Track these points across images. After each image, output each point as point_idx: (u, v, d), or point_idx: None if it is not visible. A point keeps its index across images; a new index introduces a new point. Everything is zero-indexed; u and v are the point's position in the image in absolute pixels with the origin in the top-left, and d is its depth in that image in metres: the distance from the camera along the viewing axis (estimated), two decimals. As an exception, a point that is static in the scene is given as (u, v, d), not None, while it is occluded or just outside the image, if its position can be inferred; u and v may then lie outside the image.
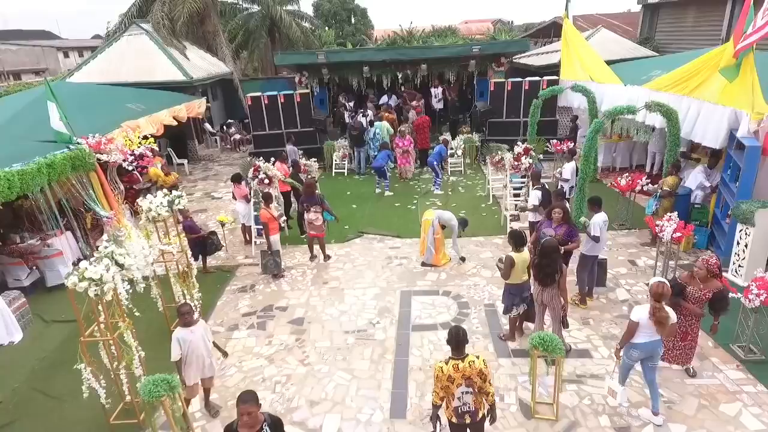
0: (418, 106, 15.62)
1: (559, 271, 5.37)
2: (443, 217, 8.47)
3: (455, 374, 3.91)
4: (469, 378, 3.92)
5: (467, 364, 3.93)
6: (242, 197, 9.64)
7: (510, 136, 14.63)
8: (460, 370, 3.91)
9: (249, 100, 14.83)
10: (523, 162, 8.96)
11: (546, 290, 5.51)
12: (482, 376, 3.95)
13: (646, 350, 4.77)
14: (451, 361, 3.97)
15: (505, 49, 15.19)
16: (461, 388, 3.94)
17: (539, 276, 5.47)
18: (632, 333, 4.73)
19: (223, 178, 15.35)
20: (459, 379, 3.91)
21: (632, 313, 4.76)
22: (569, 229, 6.37)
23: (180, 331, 4.88)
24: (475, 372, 3.92)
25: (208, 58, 20.08)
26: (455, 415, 4.04)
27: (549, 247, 5.35)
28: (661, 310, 4.56)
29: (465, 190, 12.73)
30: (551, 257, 5.34)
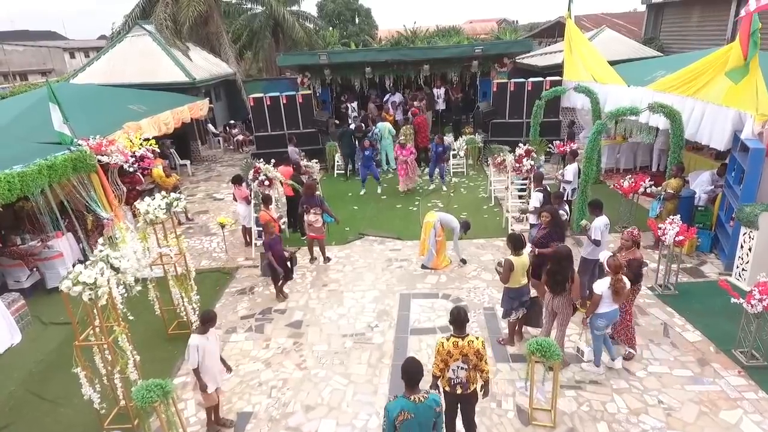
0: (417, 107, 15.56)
1: (571, 278, 5.30)
2: (444, 219, 8.42)
3: (454, 350, 4.22)
4: (465, 355, 4.22)
5: (466, 342, 4.24)
6: (243, 199, 9.63)
7: (513, 137, 14.52)
8: (458, 347, 4.22)
9: (251, 101, 14.83)
10: (524, 164, 8.89)
11: (556, 298, 5.45)
12: (479, 355, 4.26)
13: (609, 318, 5.44)
14: (452, 338, 4.29)
15: (508, 50, 15.11)
16: (457, 362, 4.24)
17: (550, 283, 5.41)
18: (596, 304, 5.34)
19: (225, 179, 15.34)
20: (456, 355, 4.22)
21: (595, 287, 5.37)
22: (549, 234, 6.32)
23: (197, 338, 4.80)
24: (472, 351, 4.23)
25: (211, 59, 20.12)
26: (448, 386, 4.35)
27: (560, 254, 5.30)
28: (620, 281, 5.26)
29: (467, 191, 12.66)
30: (562, 264, 5.29)
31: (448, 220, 8.44)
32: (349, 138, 13.63)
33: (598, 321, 5.41)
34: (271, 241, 7.54)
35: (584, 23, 30.16)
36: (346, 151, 13.93)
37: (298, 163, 10.02)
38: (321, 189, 12.36)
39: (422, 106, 15.58)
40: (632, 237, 5.92)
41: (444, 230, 8.48)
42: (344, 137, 13.72)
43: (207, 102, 16.21)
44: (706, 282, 7.51)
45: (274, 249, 7.53)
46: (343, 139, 13.79)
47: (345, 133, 13.70)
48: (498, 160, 11.04)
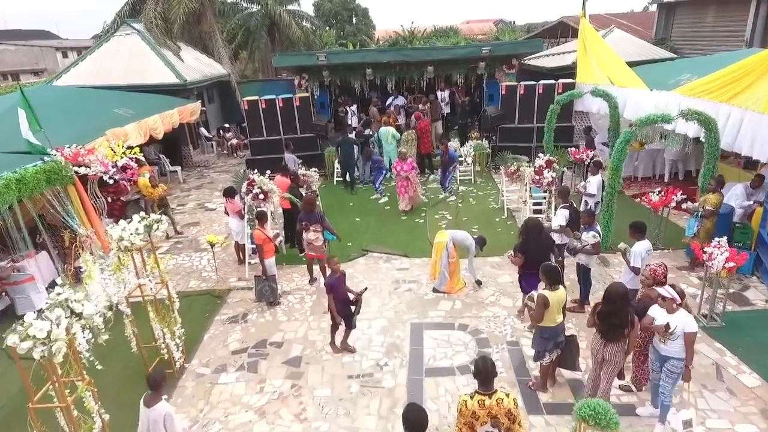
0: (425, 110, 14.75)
1: (630, 323, 4.48)
2: (457, 238, 7.62)
3: (480, 411, 3.59)
4: (495, 417, 3.59)
5: (495, 401, 3.60)
6: (235, 213, 8.79)
7: (522, 143, 13.78)
8: (486, 407, 3.59)
9: (246, 104, 13.98)
10: (545, 176, 8.08)
11: (609, 345, 4.60)
12: (511, 416, 3.61)
13: None
14: (477, 395, 3.65)
15: (517, 50, 14.32)
16: (485, 426, 3.61)
17: (603, 328, 4.59)
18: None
19: (218, 186, 14.46)
20: (484, 417, 3.59)
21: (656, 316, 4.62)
22: None
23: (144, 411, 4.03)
24: (503, 411, 3.60)
25: (203, 59, 19.24)
26: None
27: (615, 293, 4.48)
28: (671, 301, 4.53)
29: (476, 202, 11.86)
30: (617, 304, 4.46)
31: (462, 238, 7.63)
32: (349, 148, 12.66)
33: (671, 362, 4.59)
34: (332, 281, 6.06)
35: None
36: (344, 162, 12.91)
37: (295, 173, 9.18)
38: (320, 198, 11.56)
39: (426, 110, 14.78)
40: (654, 276, 5.04)
41: (457, 249, 7.66)
42: (343, 146, 12.74)
43: (199, 105, 15.34)
44: (754, 311, 6.73)
45: (337, 291, 6.08)
46: (342, 148, 12.79)
47: (345, 141, 12.72)
48: (511, 170, 10.27)
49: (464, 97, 15.43)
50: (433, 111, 14.51)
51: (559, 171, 8.27)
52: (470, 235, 7.75)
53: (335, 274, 6.18)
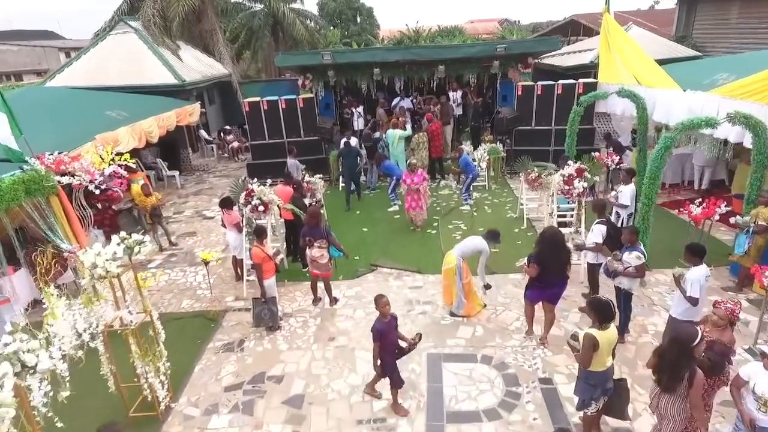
0: (434, 111, 13.98)
1: (689, 380, 3.69)
2: (467, 251, 6.78)
3: None
4: None
5: None
6: (233, 226, 8.04)
7: (539, 146, 13.00)
8: None
9: (247, 106, 13.24)
10: (576, 186, 7.28)
11: (666, 396, 3.84)
12: None
13: None
14: None
15: (533, 48, 13.52)
16: None
17: (661, 377, 3.81)
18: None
19: (218, 192, 13.75)
20: None
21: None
22: None
23: None
24: None
25: (204, 59, 18.54)
26: None
27: (680, 336, 3.70)
28: None
29: (492, 210, 11.07)
30: (680, 348, 3.69)
31: (472, 247, 6.76)
32: (352, 159, 11.60)
33: None
34: (382, 327, 4.90)
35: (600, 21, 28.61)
36: (348, 173, 11.63)
37: (299, 182, 8.42)
38: (325, 206, 10.81)
39: (436, 112, 14.01)
40: (730, 315, 4.23)
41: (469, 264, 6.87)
42: (347, 158, 11.56)
43: (198, 106, 14.63)
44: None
45: (386, 339, 4.95)
46: (346, 158, 11.60)
47: (348, 152, 11.55)
48: (531, 176, 9.47)
49: (476, 98, 14.63)
50: (443, 113, 13.68)
51: (591, 180, 7.47)
52: (478, 236, 6.94)
53: (384, 317, 4.95)
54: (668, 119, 9.88)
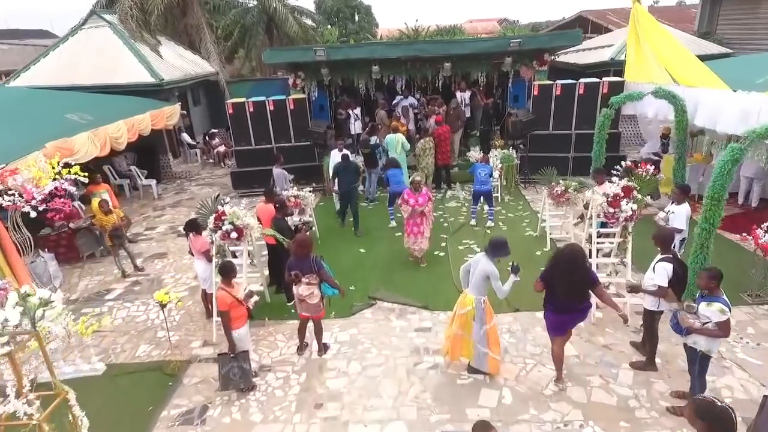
0: (439, 113, 12.57)
1: None
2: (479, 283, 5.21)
3: None
4: None
5: None
6: (202, 254, 6.63)
7: (557, 152, 11.63)
8: None
9: (230, 108, 11.84)
10: (623, 209, 5.85)
11: None
12: None
13: None
14: None
15: (551, 43, 12.10)
16: None
17: None
18: None
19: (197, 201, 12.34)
20: None
21: None
22: None
23: None
24: None
25: (188, 56, 17.12)
26: None
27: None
28: None
29: (507, 227, 9.67)
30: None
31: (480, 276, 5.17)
32: (352, 176, 9.53)
33: None
34: None
35: (610, 17, 27.26)
36: (345, 194, 9.59)
37: (282, 202, 6.96)
38: (316, 222, 9.41)
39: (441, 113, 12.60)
40: None
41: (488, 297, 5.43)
42: (345, 173, 9.44)
43: (178, 107, 13.20)
44: None
45: None
46: (343, 175, 9.45)
47: (347, 168, 9.47)
48: (557, 191, 8.09)
49: (486, 99, 13.22)
50: (452, 118, 12.21)
51: (642, 202, 6.05)
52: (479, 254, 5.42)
53: None
54: (714, 124, 8.49)
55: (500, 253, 5.11)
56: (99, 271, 8.84)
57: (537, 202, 10.93)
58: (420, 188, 7.78)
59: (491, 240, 5.20)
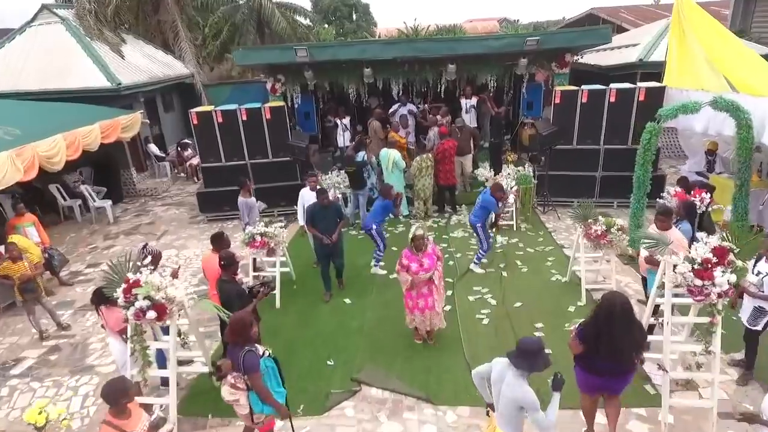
0: (443, 123, 10.74)
1: None
2: (510, 411, 3.35)
3: None
4: None
5: None
6: (117, 332, 4.81)
7: (582, 170, 9.83)
8: None
9: (194, 118, 9.99)
10: (717, 282, 3.96)
11: None
12: None
13: None
14: None
15: (575, 42, 10.21)
16: None
17: None
18: None
19: (159, 228, 10.54)
20: None
21: None
22: None
23: None
24: None
25: (159, 56, 15.28)
26: None
27: None
28: None
29: (528, 267, 7.81)
30: None
31: (511, 403, 3.33)
32: (332, 220, 6.81)
33: None
34: None
35: (623, 15, 25.48)
36: (322, 251, 7.01)
37: (229, 257, 5.06)
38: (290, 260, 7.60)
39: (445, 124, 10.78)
40: None
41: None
42: (324, 220, 6.77)
43: (138, 116, 11.33)
44: None
45: None
46: (321, 222, 6.77)
47: (325, 212, 6.77)
48: (597, 231, 6.29)
49: (497, 108, 11.35)
50: (463, 140, 10.23)
51: (744, 272, 4.17)
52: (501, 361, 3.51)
53: None
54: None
55: (534, 366, 3.26)
56: (15, 329, 7.01)
57: (561, 231, 9.13)
58: (423, 246, 5.38)
59: (519, 344, 3.34)
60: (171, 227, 10.51)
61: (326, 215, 6.78)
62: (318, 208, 6.79)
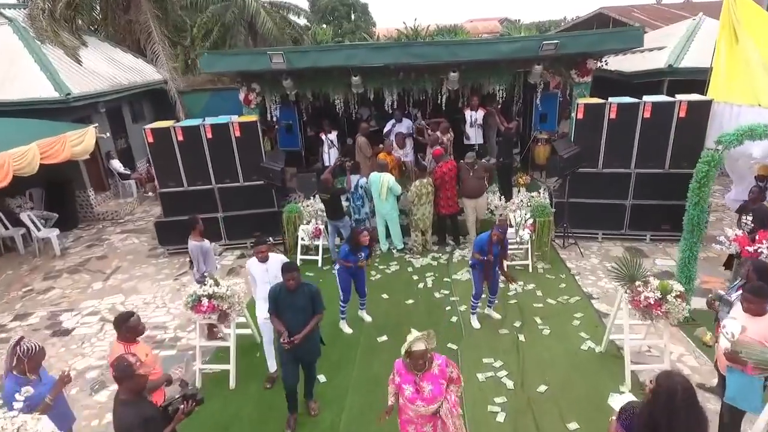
0: (443, 142, 9.22)
1: None
2: None
3: None
4: None
5: None
6: None
7: (609, 198, 8.30)
8: None
9: (149, 136, 8.45)
10: None
11: None
12: None
13: None
14: None
15: (601, 46, 8.56)
16: None
17: None
18: None
19: (112, 262, 9.02)
20: None
21: None
22: None
23: None
24: None
25: (127, 60, 13.76)
26: None
27: None
28: None
29: (548, 327, 6.25)
30: None
31: None
32: (301, 314, 4.45)
33: None
34: None
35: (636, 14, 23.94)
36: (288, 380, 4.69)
37: (125, 367, 3.37)
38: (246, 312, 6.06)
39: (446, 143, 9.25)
40: None
41: None
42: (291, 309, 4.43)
43: (92, 131, 9.79)
44: None
45: None
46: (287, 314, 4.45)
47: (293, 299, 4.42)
48: (648, 299, 4.77)
49: (508, 123, 9.78)
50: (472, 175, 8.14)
51: None
52: None
53: None
54: None
55: None
56: None
57: (585, 274, 7.60)
58: (425, 363, 3.39)
59: None
60: (125, 262, 8.98)
61: (294, 303, 4.45)
62: (282, 293, 4.48)
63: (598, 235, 8.66)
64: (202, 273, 6.02)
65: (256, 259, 5.26)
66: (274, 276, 4.97)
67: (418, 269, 8.06)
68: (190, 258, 6.26)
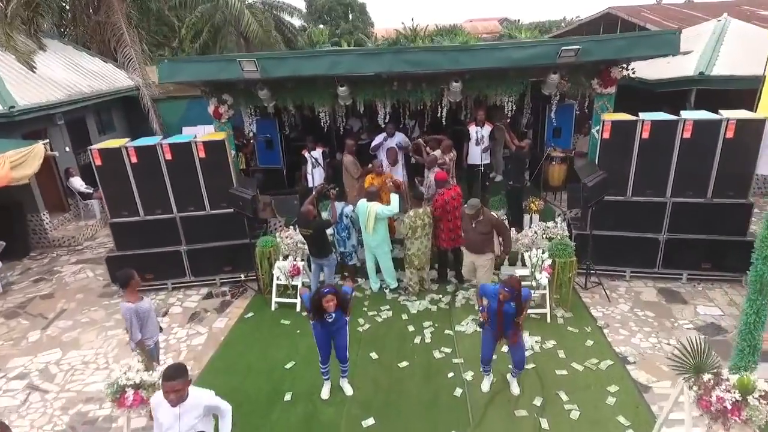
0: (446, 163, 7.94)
1: None
2: None
3: None
4: None
5: None
6: None
7: (639, 231, 7.05)
8: None
9: (97, 157, 7.16)
10: None
11: None
12: None
13: None
14: None
15: (628, 52, 7.17)
16: None
17: None
18: None
19: (58, 303, 7.74)
20: None
21: None
22: None
23: None
24: None
25: (94, 66, 12.46)
26: None
27: None
28: None
29: (577, 407, 4.95)
30: None
31: None
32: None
33: None
34: None
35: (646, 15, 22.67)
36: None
37: None
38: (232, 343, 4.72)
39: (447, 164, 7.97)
40: None
41: None
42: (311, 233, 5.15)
43: (40, 148, 8.50)
44: None
45: None
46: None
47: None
48: (721, 402, 3.48)
49: (520, 141, 8.46)
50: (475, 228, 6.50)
51: None
52: None
53: None
54: None
55: None
56: None
57: (615, 326, 6.32)
58: None
59: None
60: (73, 303, 7.70)
61: None
62: None
63: (626, 274, 7.37)
64: (146, 343, 4.77)
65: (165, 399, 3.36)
66: (188, 428, 3.41)
67: (414, 316, 6.78)
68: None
